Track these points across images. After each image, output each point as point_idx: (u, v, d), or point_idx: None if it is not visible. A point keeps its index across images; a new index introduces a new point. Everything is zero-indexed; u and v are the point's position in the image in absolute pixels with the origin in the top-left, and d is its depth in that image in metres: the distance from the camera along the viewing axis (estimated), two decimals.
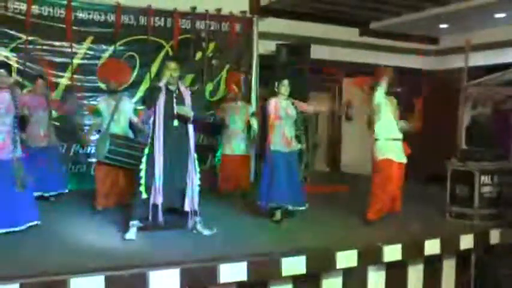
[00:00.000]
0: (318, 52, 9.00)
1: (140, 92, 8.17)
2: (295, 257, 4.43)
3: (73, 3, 7.86)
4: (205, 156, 8.61)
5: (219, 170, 7.88)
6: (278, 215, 5.91)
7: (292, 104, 6.06)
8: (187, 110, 5.11)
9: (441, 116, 8.59)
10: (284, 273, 4.38)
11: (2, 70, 4.94)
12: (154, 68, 8.39)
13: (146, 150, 5.11)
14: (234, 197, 7.33)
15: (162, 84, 5.05)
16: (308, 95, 8.65)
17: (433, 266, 5.47)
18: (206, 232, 5.22)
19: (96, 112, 6.55)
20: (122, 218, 5.47)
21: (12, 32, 7.54)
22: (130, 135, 6.45)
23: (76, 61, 7.94)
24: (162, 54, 8.47)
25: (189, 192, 5.13)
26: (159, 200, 4.99)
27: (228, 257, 4.31)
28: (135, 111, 6.69)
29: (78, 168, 7.99)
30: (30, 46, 7.63)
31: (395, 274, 5.17)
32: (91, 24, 8.04)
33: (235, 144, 7.58)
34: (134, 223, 5.04)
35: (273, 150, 5.96)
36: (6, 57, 7.48)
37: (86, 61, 7.98)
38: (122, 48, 8.20)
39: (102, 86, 7.55)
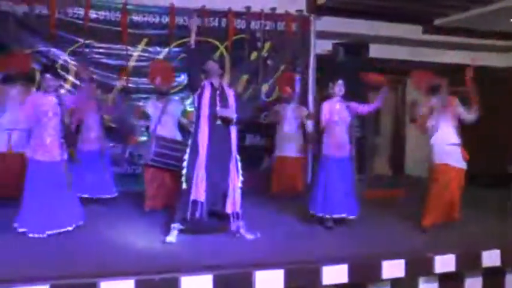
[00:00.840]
0: (377, 51, 8.66)
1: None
2: (337, 265, 4.20)
3: (128, 7, 7.97)
4: (260, 157, 8.53)
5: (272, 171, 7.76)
6: (330, 222, 5.67)
7: (347, 106, 5.81)
8: (230, 112, 5.01)
9: (507, 117, 8.03)
10: (324, 282, 4.16)
11: (48, 74, 5.00)
12: None
13: (189, 142, 5.08)
14: (286, 200, 7.14)
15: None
16: (367, 96, 8.32)
17: (494, 279, 5.02)
18: (249, 236, 5.08)
19: (143, 115, 6.55)
20: (168, 220, 5.41)
21: (70, 36, 7.75)
22: (179, 137, 6.40)
23: (131, 63, 8.05)
24: (216, 55, 8.42)
25: (230, 194, 5.01)
26: (200, 197, 4.90)
27: (266, 264, 4.14)
28: (185, 112, 6.64)
29: (133, 169, 8.06)
30: (87, 49, 7.81)
31: (450, 287, 4.80)
32: (146, 27, 8.13)
33: (288, 146, 7.45)
34: (175, 226, 4.97)
35: (326, 155, 5.74)
36: (65, 60, 7.70)
37: (140, 63, 8.05)
38: (176, 49, 8.23)
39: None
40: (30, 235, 4.80)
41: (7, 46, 7.30)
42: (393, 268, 4.35)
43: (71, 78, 7.72)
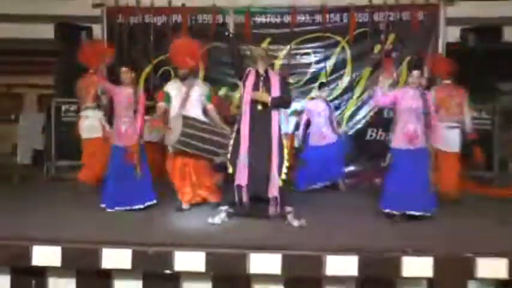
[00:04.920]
0: None
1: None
2: (344, 255, 4.11)
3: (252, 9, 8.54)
4: (381, 152, 8.31)
5: None
6: (398, 217, 5.40)
7: (423, 94, 5.47)
8: (261, 95, 5.17)
9: None
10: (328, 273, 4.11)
11: (124, 68, 5.86)
12: (329, 65, 8.49)
13: (234, 134, 5.31)
14: None
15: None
16: (496, 85, 7.54)
17: None
18: (295, 224, 5.11)
19: (165, 98, 5.86)
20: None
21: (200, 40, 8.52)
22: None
23: None
24: (337, 50, 8.47)
25: (272, 178, 5.10)
26: (243, 182, 5.12)
27: (271, 247, 4.24)
28: (208, 97, 6.00)
29: None
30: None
31: None
32: (268, 27, 8.58)
33: None
34: (222, 208, 5.31)
35: (394, 147, 5.49)
36: None
37: None
38: (297, 46, 8.51)
39: None
40: (107, 210, 5.67)
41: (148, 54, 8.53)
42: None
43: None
